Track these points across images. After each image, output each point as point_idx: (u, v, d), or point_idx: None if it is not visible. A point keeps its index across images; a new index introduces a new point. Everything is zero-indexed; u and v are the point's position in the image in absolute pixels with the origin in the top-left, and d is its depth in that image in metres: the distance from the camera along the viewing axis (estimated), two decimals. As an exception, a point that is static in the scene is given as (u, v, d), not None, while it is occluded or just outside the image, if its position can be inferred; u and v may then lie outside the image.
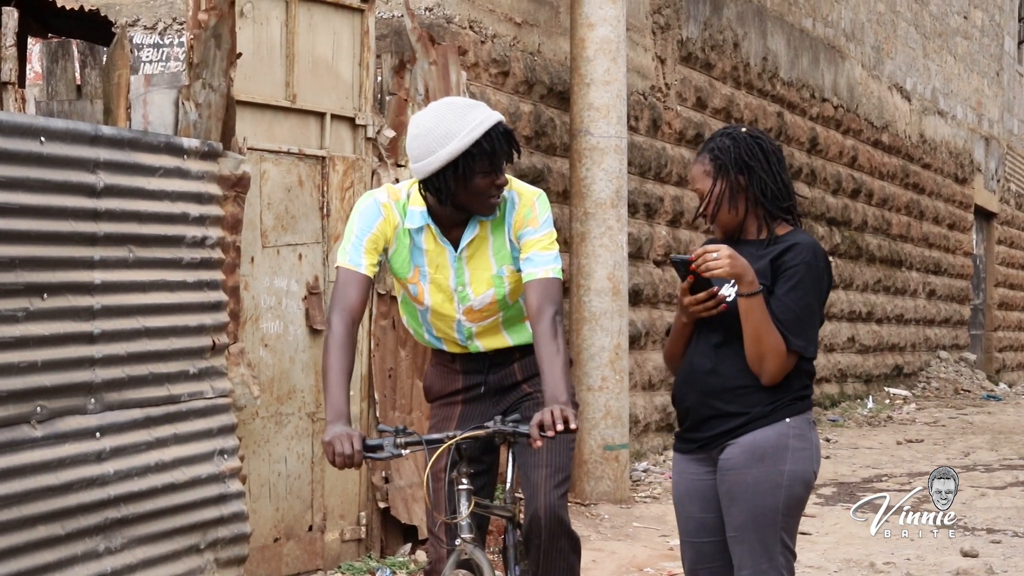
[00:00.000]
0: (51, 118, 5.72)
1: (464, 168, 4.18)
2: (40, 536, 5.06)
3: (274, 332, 6.85)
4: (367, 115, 7.45)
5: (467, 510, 4.07)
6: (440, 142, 4.17)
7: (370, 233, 4.33)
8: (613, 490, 9.75)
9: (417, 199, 4.35)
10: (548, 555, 4.34)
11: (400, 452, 4.00)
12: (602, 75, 9.77)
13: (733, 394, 4.15)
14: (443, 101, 4.30)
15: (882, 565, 7.84)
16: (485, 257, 4.40)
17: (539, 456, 4.38)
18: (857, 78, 17.89)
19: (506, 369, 4.54)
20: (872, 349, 18.39)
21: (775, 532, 4.12)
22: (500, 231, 4.40)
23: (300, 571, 7.00)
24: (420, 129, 4.24)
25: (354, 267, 4.31)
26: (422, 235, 4.37)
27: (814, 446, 4.19)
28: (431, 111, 4.27)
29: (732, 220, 4.22)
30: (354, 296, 4.28)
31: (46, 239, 5.17)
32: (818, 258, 4.13)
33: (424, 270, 4.40)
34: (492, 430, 4.06)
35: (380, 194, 4.41)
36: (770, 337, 4.07)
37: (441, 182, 4.21)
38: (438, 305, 4.43)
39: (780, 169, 4.22)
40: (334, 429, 4.03)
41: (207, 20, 6.13)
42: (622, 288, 9.91)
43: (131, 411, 5.57)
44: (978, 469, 12.12)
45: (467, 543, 4.05)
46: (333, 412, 4.10)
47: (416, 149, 4.23)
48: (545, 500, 4.33)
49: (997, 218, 24.26)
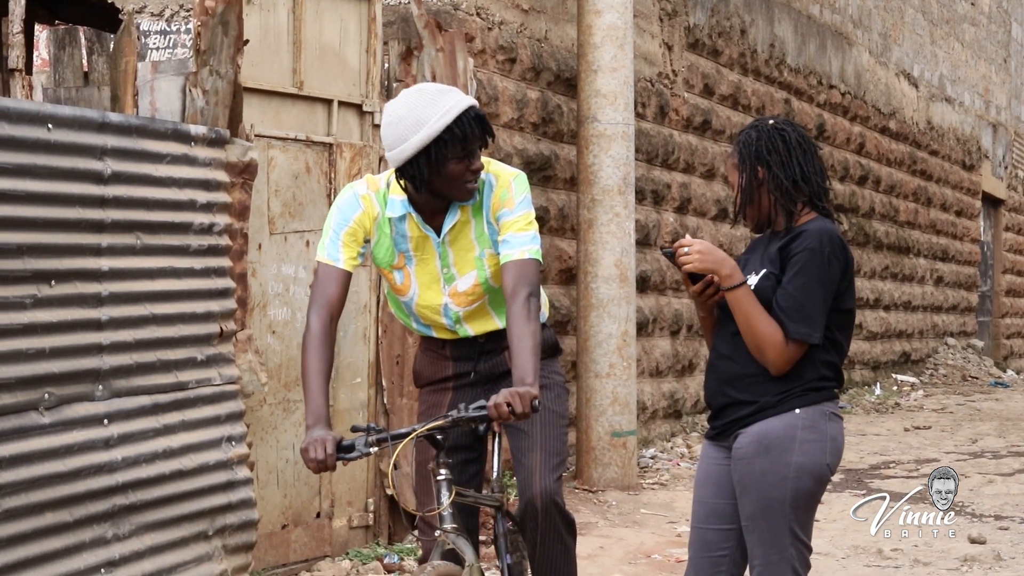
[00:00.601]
0: (58, 105, 5.72)
1: (437, 154, 4.13)
2: (48, 523, 5.06)
3: (281, 319, 6.85)
4: (374, 102, 7.44)
5: (447, 500, 4.02)
6: (411, 129, 4.13)
7: (348, 226, 4.31)
8: (620, 477, 9.75)
9: (397, 188, 4.32)
10: (545, 538, 4.33)
11: (370, 451, 3.95)
12: (609, 62, 9.75)
13: (745, 382, 4.15)
14: (415, 88, 4.24)
15: (890, 552, 7.84)
16: (468, 240, 4.37)
17: (532, 440, 4.37)
18: (864, 65, 17.85)
19: (497, 357, 4.51)
20: (880, 336, 18.37)
21: (784, 524, 4.10)
22: (480, 215, 4.36)
23: (308, 557, 7.01)
24: (392, 117, 4.19)
25: (332, 261, 4.30)
26: (405, 223, 4.34)
27: (828, 438, 4.14)
28: (402, 99, 4.21)
29: (757, 213, 4.22)
30: (332, 292, 4.27)
31: (53, 226, 5.17)
32: (824, 244, 4.08)
33: (410, 255, 4.37)
34: (454, 418, 4.00)
35: (359, 186, 4.38)
36: (762, 328, 4.06)
37: (415, 169, 4.17)
38: (425, 287, 4.40)
39: (804, 160, 4.18)
40: (312, 434, 4.02)
41: (214, 7, 6.13)
42: (629, 275, 9.90)
43: (139, 398, 5.57)
44: (986, 456, 12.11)
45: (448, 533, 4.02)
46: (312, 415, 4.09)
47: (389, 137, 4.18)
48: (541, 484, 4.32)
49: (1005, 205, 24.22)
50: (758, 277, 4.15)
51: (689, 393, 12.59)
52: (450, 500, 4.02)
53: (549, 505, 4.32)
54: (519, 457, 4.40)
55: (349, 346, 7.24)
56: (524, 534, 4.38)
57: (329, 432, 4.01)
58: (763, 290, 4.12)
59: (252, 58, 6.59)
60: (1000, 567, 7.58)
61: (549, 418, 4.40)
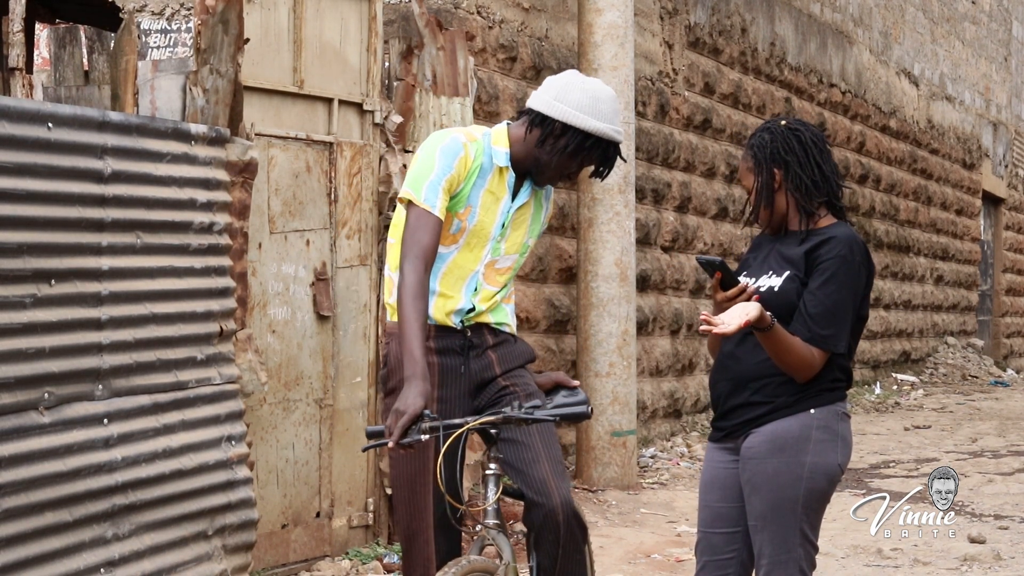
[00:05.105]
0: (58, 104, 5.71)
1: (581, 145, 4.29)
2: (48, 522, 5.06)
3: (282, 318, 6.84)
4: (375, 101, 7.43)
5: (494, 496, 4.03)
6: (591, 111, 4.28)
7: (450, 173, 4.27)
8: (620, 476, 9.75)
9: (500, 140, 4.39)
10: (567, 548, 4.30)
11: (422, 438, 3.91)
12: (610, 60, 9.75)
13: (758, 383, 4.14)
14: (611, 91, 4.39)
15: (890, 552, 7.84)
16: (525, 223, 4.47)
17: (536, 451, 4.31)
18: (865, 63, 17.85)
19: (484, 359, 4.45)
20: (880, 335, 18.37)
21: (795, 524, 4.10)
22: (539, 208, 4.51)
23: (308, 557, 7.00)
24: (586, 86, 4.32)
25: (429, 208, 4.22)
26: (490, 175, 4.37)
27: (840, 438, 4.15)
28: (605, 88, 4.37)
29: (772, 215, 4.21)
30: (427, 241, 4.19)
31: (53, 225, 5.16)
32: (854, 252, 4.08)
33: (475, 210, 4.36)
34: (507, 415, 4.00)
35: (458, 133, 4.39)
36: (792, 356, 4.04)
37: (559, 134, 4.29)
38: (469, 249, 4.38)
39: (821, 160, 4.17)
40: (411, 389, 3.96)
41: (215, 6, 6.12)
42: (629, 274, 9.90)
43: (139, 397, 5.57)
44: (985, 455, 12.11)
45: (490, 529, 4.03)
46: (412, 366, 4.02)
47: (567, 94, 4.30)
48: (559, 495, 4.26)
49: (1005, 204, 24.22)
50: (782, 279, 4.13)
51: (689, 392, 12.59)
52: (497, 496, 4.02)
53: (570, 517, 4.28)
54: (523, 468, 4.30)
55: (349, 345, 7.24)
56: (541, 544, 4.31)
57: (427, 388, 3.97)
58: (787, 293, 4.10)
59: (252, 57, 6.58)
60: (1000, 567, 7.59)
61: (544, 427, 4.33)
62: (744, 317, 3.94)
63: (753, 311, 3.95)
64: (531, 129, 4.34)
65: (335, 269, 7.13)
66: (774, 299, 4.09)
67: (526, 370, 4.53)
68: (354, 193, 7.22)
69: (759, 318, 3.96)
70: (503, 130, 4.43)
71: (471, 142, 4.35)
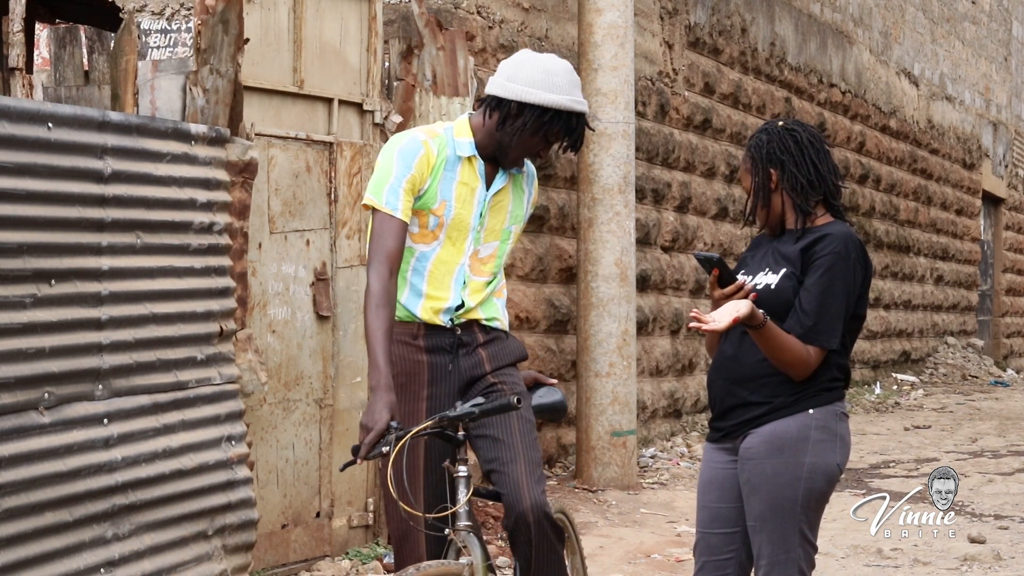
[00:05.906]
0: (58, 104, 5.71)
1: (541, 121, 4.23)
2: (48, 522, 5.06)
3: (282, 318, 6.84)
4: (375, 101, 7.43)
5: (464, 498, 4.00)
6: (545, 85, 4.22)
7: (410, 173, 4.25)
8: (620, 476, 9.75)
9: (463, 131, 4.35)
10: (540, 550, 4.27)
11: (383, 449, 3.95)
12: (610, 60, 9.75)
13: (757, 383, 4.14)
14: (565, 63, 4.33)
15: (890, 552, 7.84)
16: (504, 210, 4.43)
17: (514, 450, 4.27)
18: (865, 63, 17.85)
19: (474, 356, 4.42)
20: (880, 335, 18.37)
21: (794, 524, 4.10)
22: (519, 193, 4.46)
23: (307, 557, 7.00)
24: (535, 62, 4.27)
25: (391, 211, 4.22)
26: (458, 167, 4.34)
27: (839, 438, 4.15)
28: (553, 59, 4.30)
29: (769, 215, 4.22)
30: (392, 246, 4.20)
31: (53, 225, 5.16)
32: (849, 249, 4.09)
33: (451, 203, 4.34)
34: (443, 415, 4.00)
35: (418, 132, 4.37)
36: (787, 354, 4.05)
37: (517, 113, 4.24)
38: (451, 242, 4.35)
39: (818, 160, 4.19)
40: (377, 400, 4.02)
41: (215, 5, 6.12)
42: (630, 274, 9.90)
43: (139, 397, 5.57)
44: (985, 455, 12.10)
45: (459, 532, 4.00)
46: (376, 377, 4.06)
47: (518, 72, 4.25)
48: (530, 498, 4.21)
49: (1005, 204, 24.22)
50: (778, 276, 4.14)
51: (689, 392, 12.59)
52: (467, 498, 4.00)
53: (541, 519, 4.23)
54: (499, 468, 4.27)
55: (349, 346, 7.24)
56: (515, 547, 4.29)
57: (392, 399, 4.01)
58: (784, 290, 4.11)
59: (252, 57, 6.58)
60: (1000, 567, 7.59)
61: (525, 427, 4.31)
62: (734, 314, 3.95)
63: (744, 308, 3.96)
64: (490, 114, 4.30)
65: (335, 269, 7.13)
66: (770, 296, 4.11)
67: (516, 368, 4.52)
68: (354, 193, 7.22)
69: (750, 315, 3.97)
70: (464, 121, 4.40)
71: (432, 138, 4.33)
